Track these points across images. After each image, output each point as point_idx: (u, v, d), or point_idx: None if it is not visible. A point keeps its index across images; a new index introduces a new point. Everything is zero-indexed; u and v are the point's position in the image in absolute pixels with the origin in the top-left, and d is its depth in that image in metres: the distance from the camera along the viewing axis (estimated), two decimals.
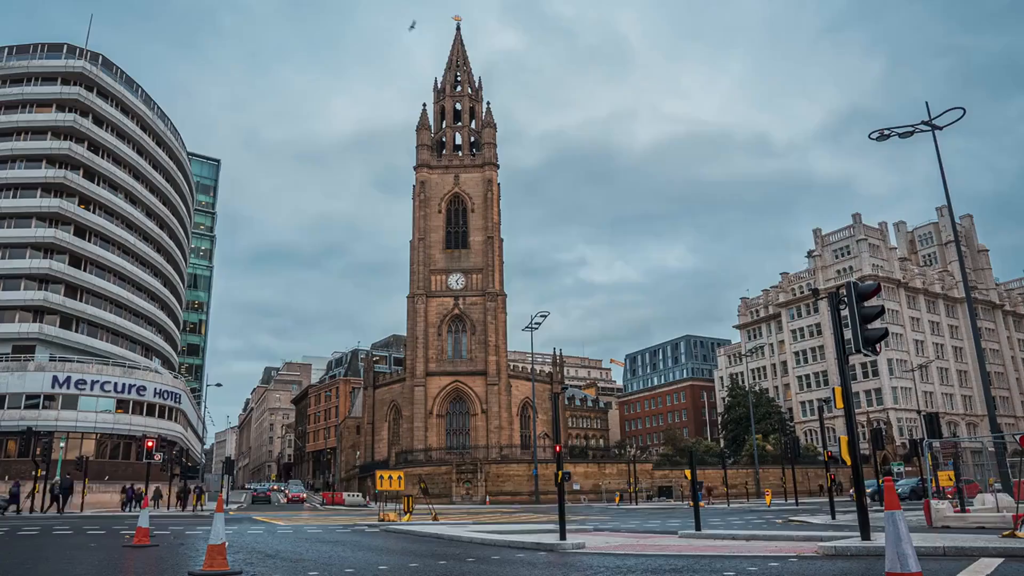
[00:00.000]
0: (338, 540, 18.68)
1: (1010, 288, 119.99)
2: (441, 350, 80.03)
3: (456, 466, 66.40)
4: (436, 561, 13.00)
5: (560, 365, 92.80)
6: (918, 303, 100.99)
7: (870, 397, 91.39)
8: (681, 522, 25.76)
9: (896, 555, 7.46)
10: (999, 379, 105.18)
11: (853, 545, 12.50)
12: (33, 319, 62.60)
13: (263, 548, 15.81)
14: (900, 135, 25.41)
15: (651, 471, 72.60)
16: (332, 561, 12.77)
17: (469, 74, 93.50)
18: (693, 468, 21.68)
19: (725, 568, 10.70)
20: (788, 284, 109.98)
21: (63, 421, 56.00)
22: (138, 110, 75.87)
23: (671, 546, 15.15)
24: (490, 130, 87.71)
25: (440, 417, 78.19)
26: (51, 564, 12.62)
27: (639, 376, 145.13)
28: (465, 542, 17.59)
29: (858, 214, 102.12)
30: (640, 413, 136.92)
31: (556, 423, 20.04)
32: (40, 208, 65.16)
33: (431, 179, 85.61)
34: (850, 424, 14.02)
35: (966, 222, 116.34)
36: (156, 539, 17.98)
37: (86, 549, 16.22)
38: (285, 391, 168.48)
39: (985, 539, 13.62)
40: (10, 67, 70.65)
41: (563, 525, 16.47)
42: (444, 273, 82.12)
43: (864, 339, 13.44)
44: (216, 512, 11.86)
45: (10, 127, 68.08)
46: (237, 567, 11.30)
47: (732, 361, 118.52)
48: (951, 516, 20.14)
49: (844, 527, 20.81)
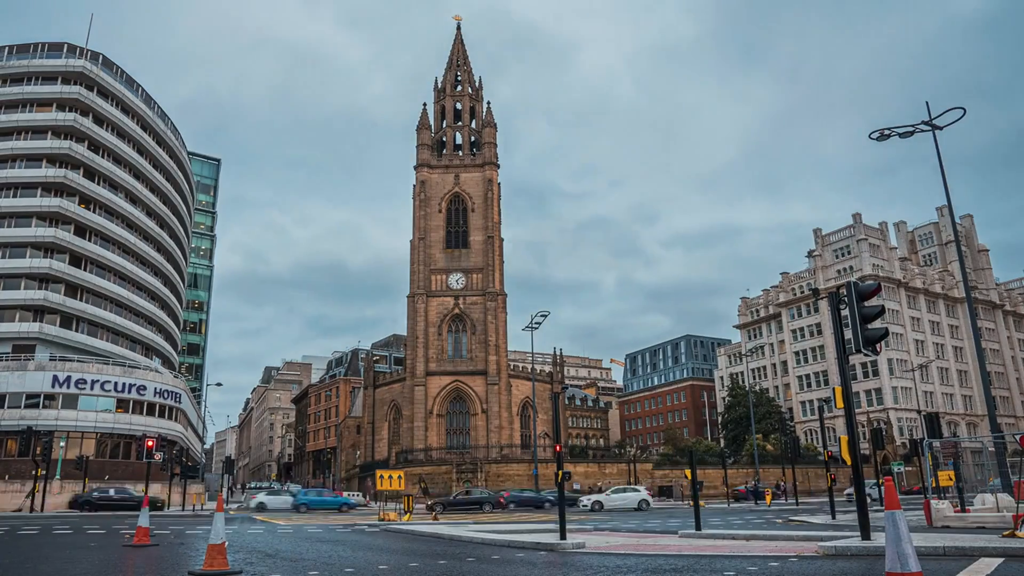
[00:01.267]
0: (338, 540, 18.68)
1: (1010, 288, 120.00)
2: (441, 350, 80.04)
3: (456, 466, 66.41)
4: (436, 561, 13.00)
5: (560, 365, 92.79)
6: (918, 303, 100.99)
7: (870, 397, 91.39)
8: (681, 522, 25.76)
9: (896, 555, 7.46)
10: (999, 379, 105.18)
11: (853, 545, 12.50)
12: (33, 318, 62.60)
13: (263, 548, 15.82)
14: (900, 135, 25.43)
15: (651, 471, 72.58)
16: (332, 561, 12.77)
17: (469, 74, 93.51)
18: (693, 468, 21.69)
19: (725, 568, 10.70)
20: (788, 284, 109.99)
21: (63, 421, 55.99)
22: (138, 109, 75.86)
23: (671, 546, 15.14)
24: (490, 129, 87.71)
25: (440, 417, 78.20)
26: (51, 564, 12.62)
27: (639, 376, 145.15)
28: (465, 541, 17.59)
29: (858, 214, 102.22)
30: (640, 413, 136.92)
31: (556, 423, 20.03)
32: (40, 207, 65.15)
33: (431, 179, 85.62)
34: (850, 424, 14.02)
35: (966, 222, 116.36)
36: (156, 539, 17.98)
37: (86, 549, 16.22)
38: (285, 391, 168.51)
39: (985, 539, 13.62)
40: (10, 66, 70.65)
41: (563, 525, 16.46)
42: (444, 273, 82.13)
43: (864, 339, 13.44)
44: (216, 512, 11.86)
45: (10, 126, 68.07)
46: (237, 567, 11.30)
47: (732, 361, 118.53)
48: (951, 516, 20.14)
49: (844, 527, 20.81)
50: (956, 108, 24.13)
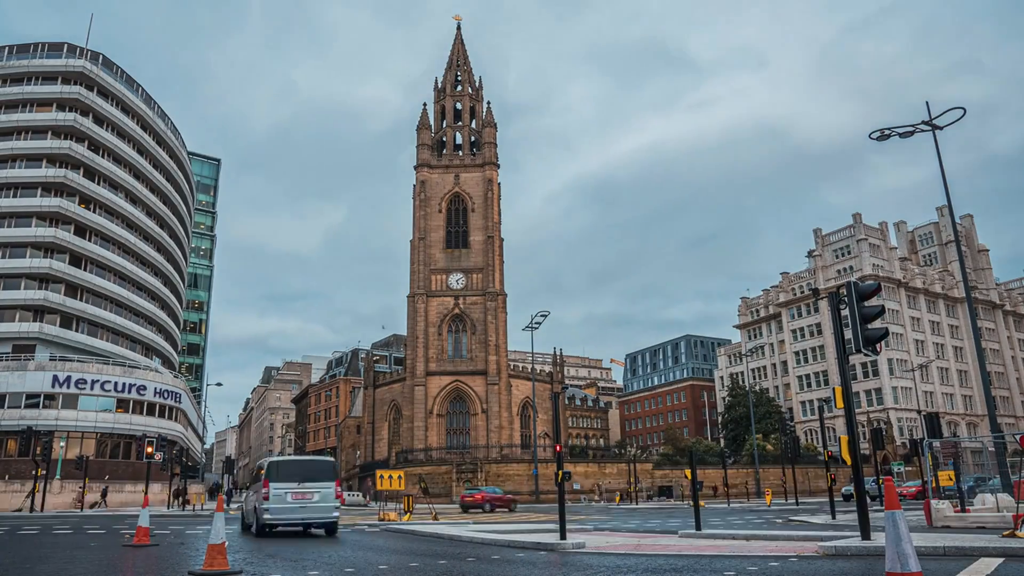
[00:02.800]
0: (338, 539, 18.67)
1: (1010, 288, 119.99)
2: (441, 350, 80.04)
3: (456, 465, 66.41)
4: (436, 560, 13.00)
5: (560, 365, 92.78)
6: (918, 303, 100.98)
7: (870, 397, 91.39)
8: (681, 522, 25.75)
9: (896, 555, 7.46)
10: (999, 379, 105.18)
11: (853, 545, 12.49)
12: (33, 318, 62.63)
13: (263, 547, 15.81)
14: (900, 135, 25.42)
15: (651, 471, 72.59)
16: (332, 560, 12.76)
17: (470, 74, 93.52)
18: (693, 468, 21.64)
19: (725, 568, 10.69)
20: (788, 284, 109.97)
21: (63, 420, 56.02)
22: (138, 109, 75.87)
23: (671, 546, 15.13)
24: (490, 129, 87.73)
25: (440, 417, 78.20)
26: (51, 564, 12.61)
27: (639, 376, 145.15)
28: (465, 541, 17.58)
29: (858, 214, 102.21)
30: (640, 413, 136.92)
31: (556, 423, 20.01)
32: (40, 207, 65.17)
33: (431, 179, 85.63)
34: (850, 424, 14.01)
35: (966, 222, 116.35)
36: (156, 539, 17.98)
37: (86, 548, 16.22)
38: (285, 391, 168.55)
39: (986, 539, 13.62)
40: (10, 66, 70.66)
41: (563, 525, 16.44)
42: (444, 273, 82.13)
43: (864, 339, 13.43)
44: (216, 511, 11.86)
45: (10, 126, 68.10)
46: (237, 566, 11.29)
47: (732, 361, 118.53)
48: (951, 516, 20.13)
49: (844, 527, 20.79)
50: (956, 108, 24.13)
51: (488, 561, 12.71)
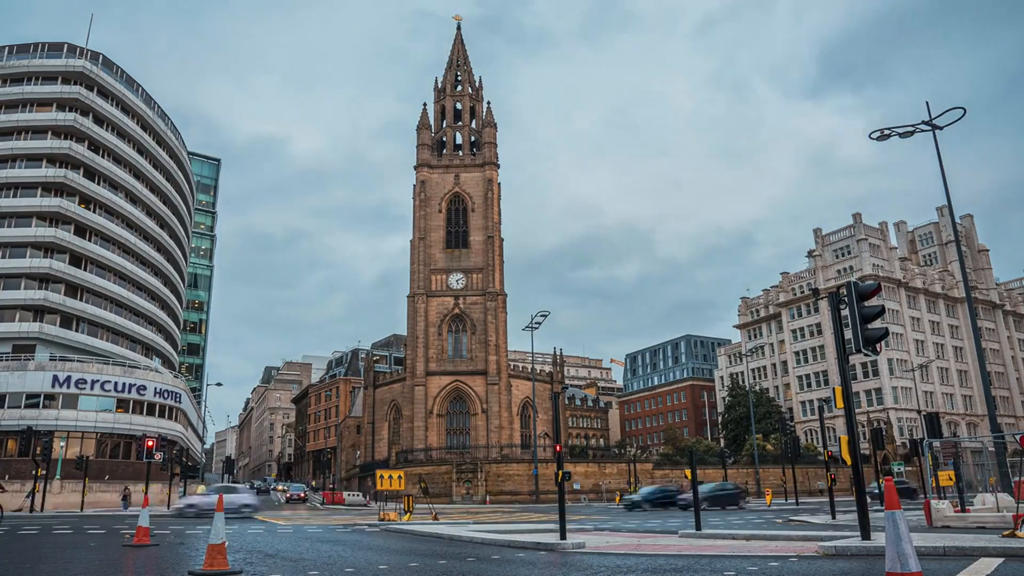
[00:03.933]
0: (338, 539, 18.69)
1: (1010, 288, 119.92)
2: (441, 350, 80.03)
3: (456, 466, 66.39)
4: (436, 560, 13.00)
5: (560, 365, 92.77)
6: (918, 303, 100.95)
7: (870, 397, 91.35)
8: (681, 522, 25.77)
9: (896, 555, 7.46)
10: (999, 379, 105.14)
11: (853, 545, 12.49)
12: (33, 318, 62.57)
13: (263, 547, 15.81)
14: (900, 135, 25.42)
15: (651, 471, 72.55)
16: (332, 560, 12.76)
17: (470, 74, 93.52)
18: (693, 468, 21.63)
19: (725, 568, 10.69)
20: (788, 284, 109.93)
21: (63, 420, 55.97)
22: (138, 109, 75.82)
23: (671, 546, 15.14)
24: (490, 129, 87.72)
25: (440, 417, 78.19)
26: (51, 564, 12.62)
27: (639, 376, 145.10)
28: (465, 541, 17.58)
29: (858, 214, 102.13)
30: (640, 413, 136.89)
31: (556, 423, 20.03)
32: (40, 207, 65.12)
33: (431, 178, 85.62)
34: (850, 424, 14.02)
35: (966, 222, 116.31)
36: (156, 538, 17.98)
37: (86, 548, 16.22)
38: (285, 391, 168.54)
39: (985, 539, 13.62)
40: (10, 66, 70.60)
41: (563, 525, 16.46)
42: (444, 272, 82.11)
43: (864, 339, 13.44)
44: (216, 511, 11.86)
45: (10, 126, 68.02)
46: (237, 567, 11.30)
47: (732, 361, 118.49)
48: (951, 516, 20.14)
49: (844, 527, 20.80)
50: (956, 108, 24.13)
51: (488, 561, 12.72)
